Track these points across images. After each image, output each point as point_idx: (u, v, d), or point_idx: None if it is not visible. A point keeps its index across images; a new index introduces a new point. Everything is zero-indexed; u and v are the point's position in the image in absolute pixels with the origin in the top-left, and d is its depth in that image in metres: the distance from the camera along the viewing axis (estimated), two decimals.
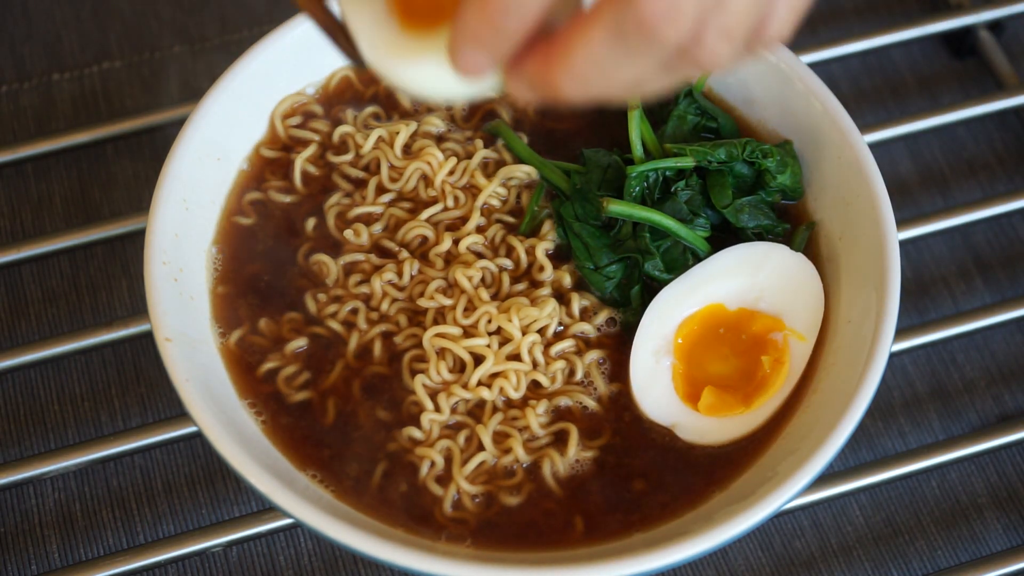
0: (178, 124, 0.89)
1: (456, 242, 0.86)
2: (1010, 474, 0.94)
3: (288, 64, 0.91)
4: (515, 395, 0.82)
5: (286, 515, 0.74)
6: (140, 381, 0.96)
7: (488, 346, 0.82)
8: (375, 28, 0.67)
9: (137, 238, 0.96)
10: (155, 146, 1.04)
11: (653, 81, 0.61)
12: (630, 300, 0.85)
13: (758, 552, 0.90)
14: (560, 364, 0.82)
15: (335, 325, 0.84)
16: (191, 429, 0.88)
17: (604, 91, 0.60)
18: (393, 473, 0.80)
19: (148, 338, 0.91)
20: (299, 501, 0.74)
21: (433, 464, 0.80)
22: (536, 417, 0.81)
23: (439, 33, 0.64)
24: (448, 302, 0.84)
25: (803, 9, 0.61)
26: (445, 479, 0.80)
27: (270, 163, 0.90)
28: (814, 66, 0.98)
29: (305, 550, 0.90)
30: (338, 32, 0.69)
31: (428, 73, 0.65)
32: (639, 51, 0.58)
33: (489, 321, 0.83)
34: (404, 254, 0.86)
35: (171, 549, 0.84)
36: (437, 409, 0.81)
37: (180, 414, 0.90)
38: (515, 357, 0.82)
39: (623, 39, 0.58)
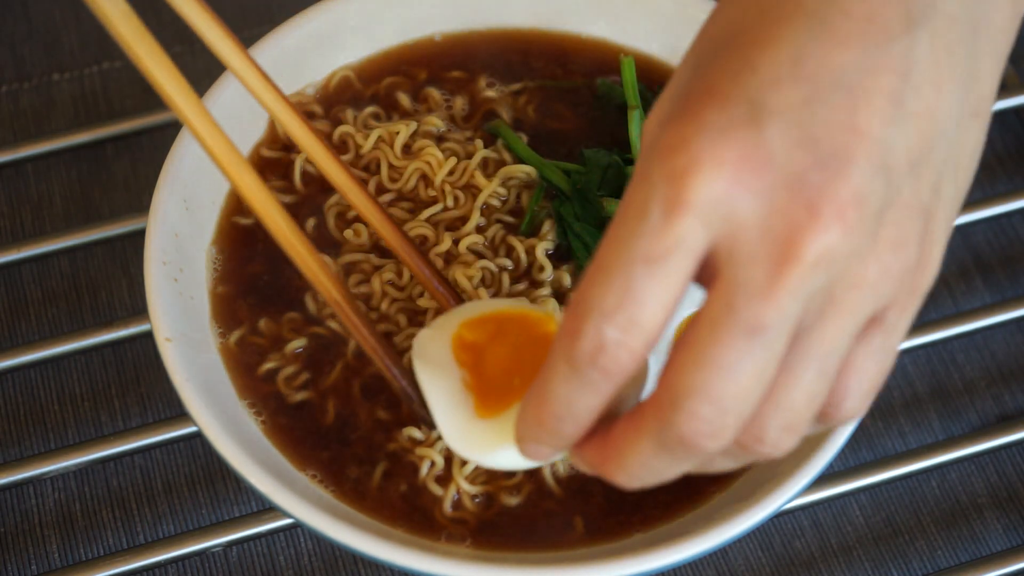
0: (178, 124, 0.89)
1: (456, 242, 0.86)
2: (1010, 474, 0.94)
3: (288, 64, 0.91)
4: None
5: (286, 515, 0.74)
6: (140, 381, 0.96)
7: None
8: (451, 408, 0.72)
9: (137, 238, 0.96)
10: (155, 146, 1.04)
11: (716, 467, 0.62)
12: None
13: (758, 552, 0.90)
14: None
15: (335, 325, 0.84)
16: (191, 429, 0.88)
17: (663, 480, 0.62)
18: (393, 473, 0.80)
19: (148, 338, 0.91)
20: (299, 501, 0.74)
21: (433, 464, 0.80)
22: None
23: (512, 412, 0.69)
24: None
25: (881, 385, 0.61)
26: (445, 479, 0.80)
27: (270, 163, 0.90)
28: None
29: (305, 550, 0.90)
30: (413, 398, 0.75)
31: (501, 456, 0.71)
32: (688, 458, 0.59)
33: None
34: None
35: (171, 549, 0.84)
36: None
37: (180, 414, 0.89)
38: None
39: (669, 450, 0.58)
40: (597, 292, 0.57)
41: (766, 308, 0.55)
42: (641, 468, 0.61)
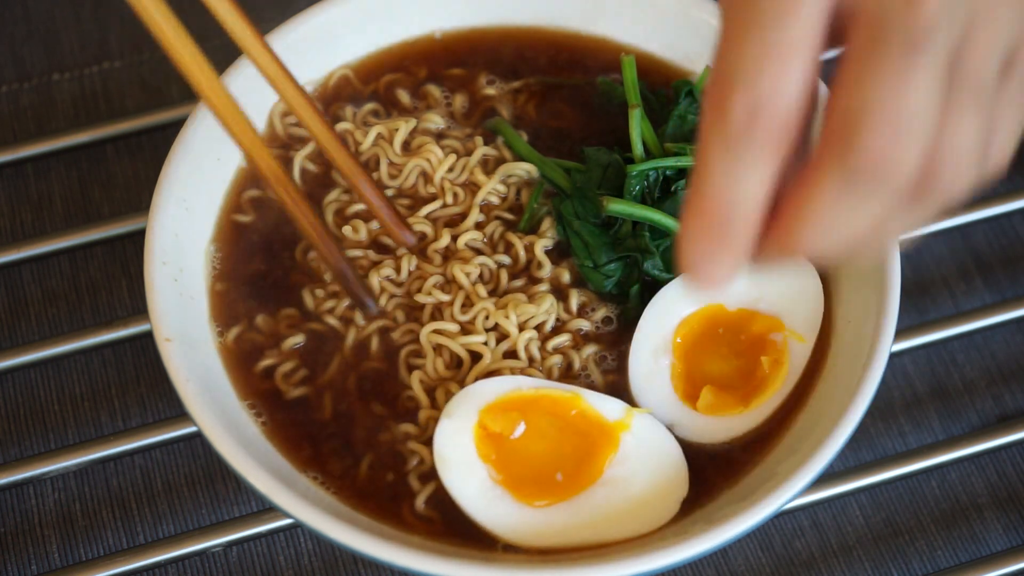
0: (178, 124, 0.89)
1: (455, 238, 0.86)
2: (1010, 474, 0.94)
3: (288, 63, 0.91)
4: None
5: (286, 515, 0.74)
6: (140, 381, 0.96)
7: (485, 343, 0.82)
8: (489, 503, 0.76)
9: (137, 238, 0.96)
10: (155, 146, 1.04)
11: (893, 223, 0.59)
12: (629, 298, 0.85)
13: (758, 552, 0.90)
14: (556, 359, 0.82)
15: (332, 321, 0.84)
16: (191, 429, 0.88)
17: (845, 242, 0.59)
18: (389, 471, 0.80)
19: (148, 338, 0.91)
20: (299, 501, 0.74)
21: (421, 461, 0.80)
22: None
23: (578, 499, 0.75)
24: (446, 298, 0.84)
25: (1020, 136, 0.60)
26: (429, 476, 0.79)
27: None
28: None
29: (305, 550, 0.90)
30: (349, 277, 0.77)
31: (581, 537, 0.75)
32: (872, 192, 0.57)
33: (487, 317, 0.83)
34: (402, 250, 0.86)
35: (171, 549, 0.84)
36: (433, 405, 0.81)
37: (180, 414, 0.89)
38: (512, 354, 0.82)
39: (854, 183, 0.56)
40: (735, 58, 0.55)
41: (915, 19, 0.54)
42: (829, 216, 0.57)
